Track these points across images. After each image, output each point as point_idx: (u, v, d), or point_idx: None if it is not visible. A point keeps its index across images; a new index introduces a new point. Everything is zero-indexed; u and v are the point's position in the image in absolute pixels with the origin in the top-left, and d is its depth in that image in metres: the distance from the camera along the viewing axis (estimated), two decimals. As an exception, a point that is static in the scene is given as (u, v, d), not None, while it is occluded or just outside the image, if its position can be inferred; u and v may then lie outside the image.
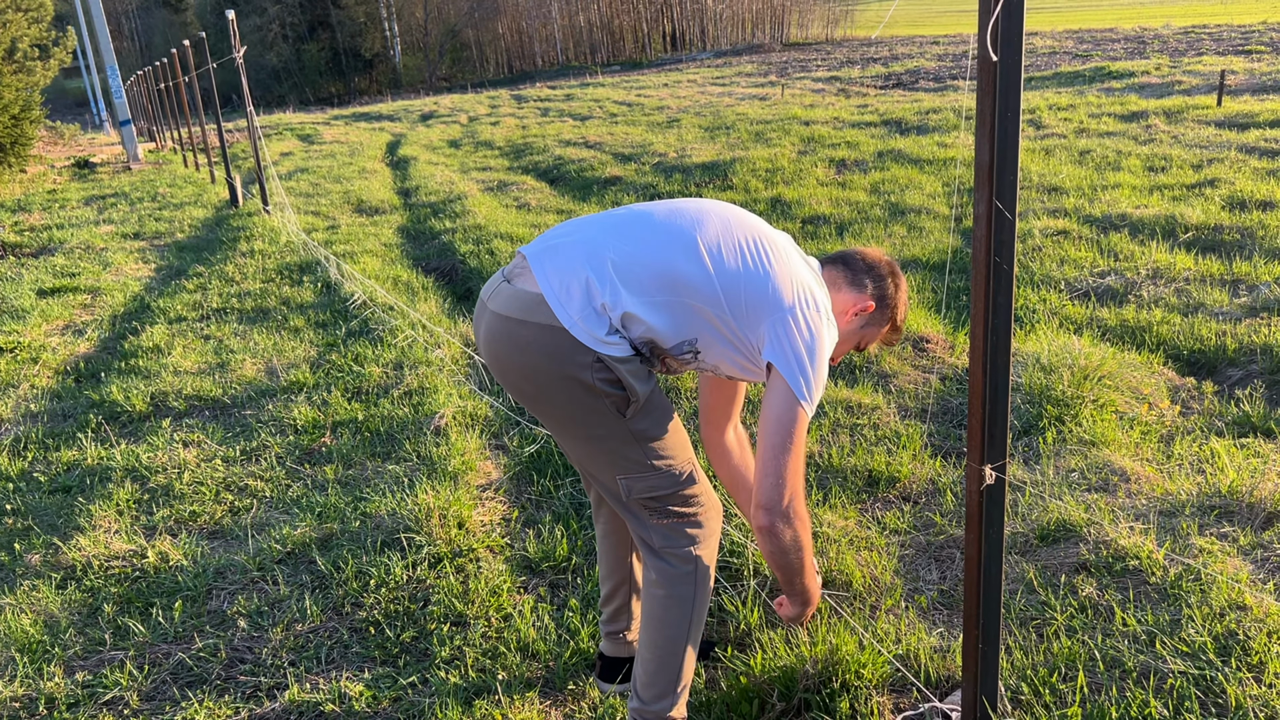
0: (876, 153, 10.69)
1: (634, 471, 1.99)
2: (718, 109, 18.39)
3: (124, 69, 47.77)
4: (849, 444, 3.54)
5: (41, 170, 17.09)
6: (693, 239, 1.94)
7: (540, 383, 1.93)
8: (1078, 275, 5.63)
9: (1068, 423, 3.58)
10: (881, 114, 14.36)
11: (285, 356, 5.21)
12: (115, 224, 10.36)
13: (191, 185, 13.46)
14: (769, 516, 1.93)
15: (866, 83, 22.20)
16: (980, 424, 1.78)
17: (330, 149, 18.26)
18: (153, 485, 3.70)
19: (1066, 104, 13.37)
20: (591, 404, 1.92)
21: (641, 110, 20.28)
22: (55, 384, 5.15)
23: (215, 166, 14.06)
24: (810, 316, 1.94)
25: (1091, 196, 7.58)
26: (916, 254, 6.57)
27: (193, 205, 11.42)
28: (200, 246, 8.79)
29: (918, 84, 20.35)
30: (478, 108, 27.19)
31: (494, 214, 9.35)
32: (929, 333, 4.63)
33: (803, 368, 1.90)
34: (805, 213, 8.19)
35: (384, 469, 3.72)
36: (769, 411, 1.91)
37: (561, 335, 1.87)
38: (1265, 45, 20.25)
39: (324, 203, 10.92)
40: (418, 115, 26.82)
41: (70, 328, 6.28)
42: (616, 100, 23.82)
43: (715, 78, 30.23)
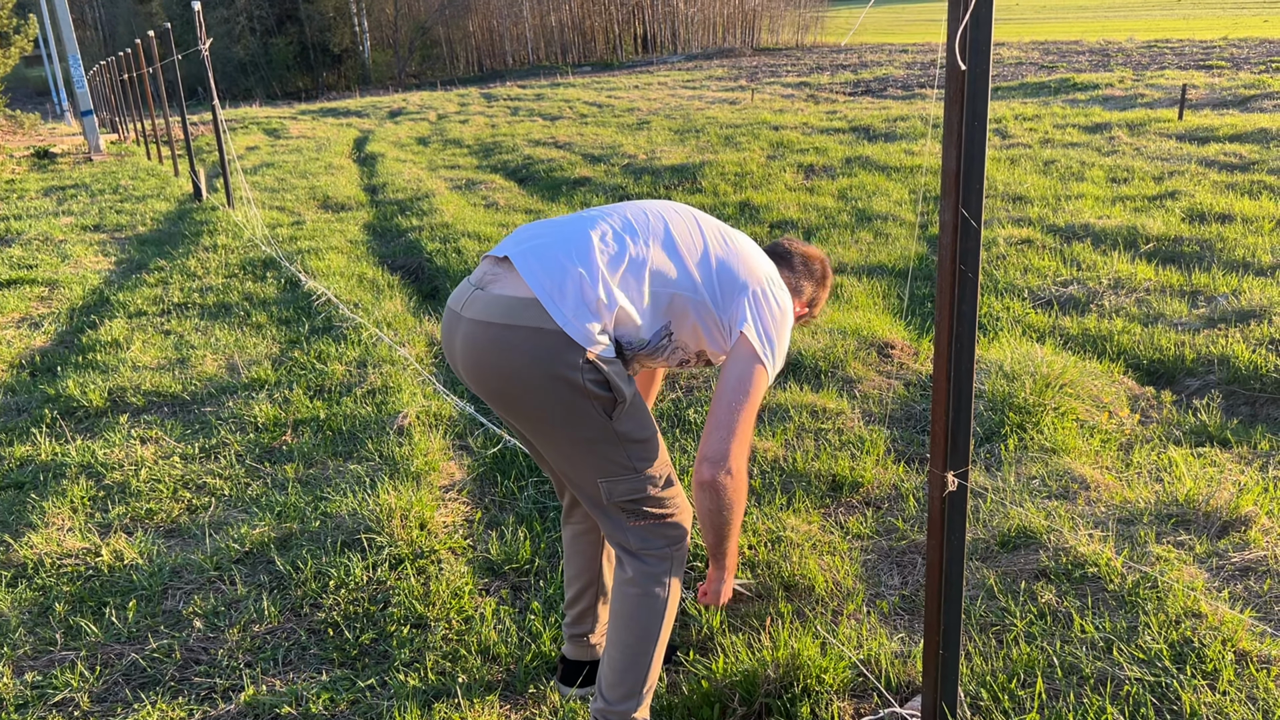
0: (844, 159, 10.75)
1: (616, 474, 2.00)
2: (688, 112, 18.42)
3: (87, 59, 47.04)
4: (813, 448, 3.55)
5: (0, 160, 16.77)
6: (668, 232, 2.03)
7: (527, 387, 1.92)
8: (1041, 284, 5.70)
9: (1029, 430, 3.61)
10: (850, 121, 14.46)
11: (247, 353, 5.15)
12: (75, 216, 10.19)
13: (154, 178, 13.26)
14: (713, 469, 1.96)
15: (836, 89, 22.34)
16: (943, 431, 1.79)
17: (297, 144, 18.07)
18: (108, 482, 3.63)
19: (1032, 114, 13.53)
20: (579, 406, 1.93)
21: (612, 111, 20.27)
22: (9, 378, 5.05)
23: (179, 160, 13.87)
24: (778, 294, 2.08)
25: (1055, 206, 7.67)
26: (882, 260, 6.62)
27: (155, 198, 11.25)
28: (162, 240, 8.67)
29: (886, 91, 20.50)
30: (447, 105, 27.04)
31: (461, 212, 9.29)
32: (893, 339, 4.66)
33: (769, 335, 2.02)
34: (773, 217, 8.22)
35: (345, 468, 3.68)
36: (731, 370, 1.99)
37: (552, 336, 1.88)
38: (1225, 61, 20.62)
39: (289, 198, 10.80)
40: (386, 112, 26.63)
41: (26, 320, 6.16)
42: (587, 101, 23.78)
43: (686, 81, 30.28)
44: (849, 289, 5.93)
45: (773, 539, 2.94)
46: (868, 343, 4.57)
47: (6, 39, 17.16)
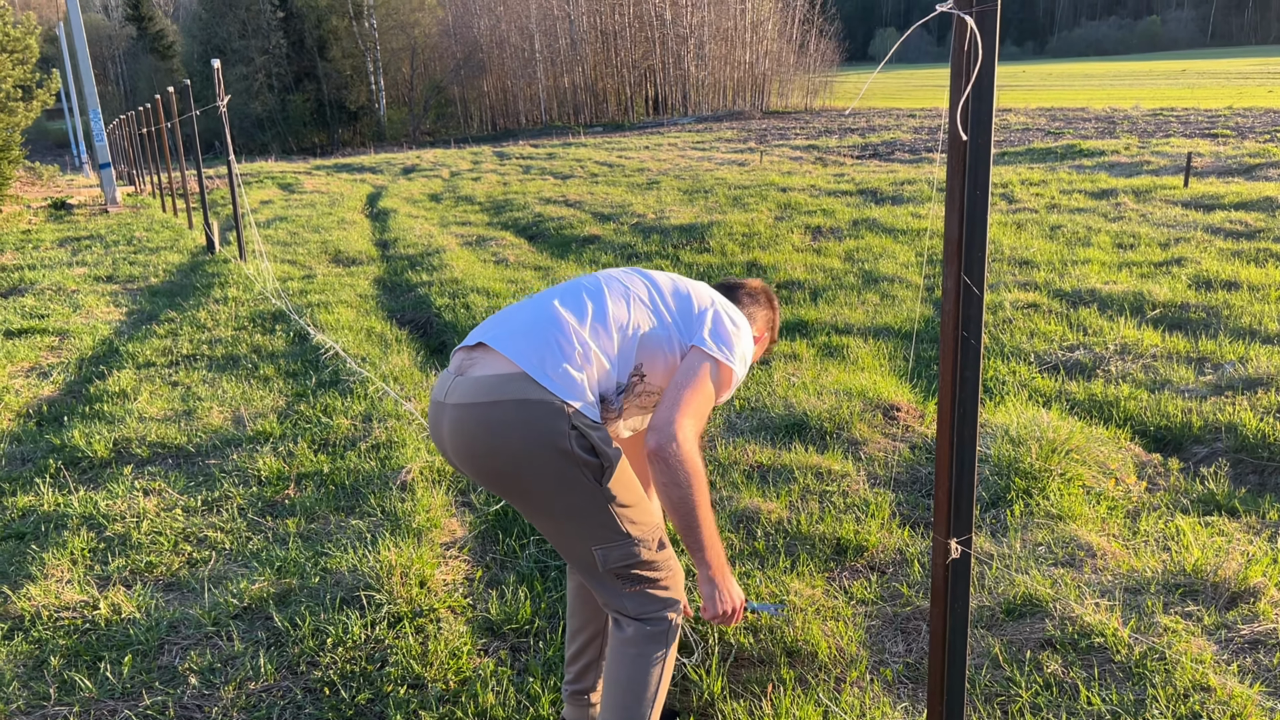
0: (851, 221, 10.83)
1: (610, 541, 2.01)
2: (697, 173, 18.63)
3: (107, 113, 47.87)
4: (818, 511, 3.53)
5: (17, 210, 16.99)
6: (626, 289, 2.17)
7: (517, 460, 1.95)
8: (1047, 348, 5.70)
9: (1035, 496, 3.59)
10: (857, 183, 14.59)
11: (253, 405, 5.16)
12: (89, 266, 10.29)
13: (169, 230, 13.41)
14: (657, 437, 1.96)
15: (844, 152, 22.60)
16: (946, 498, 1.78)
17: (310, 198, 18.29)
18: (110, 534, 3.62)
19: (1039, 179, 13.65)
20: (569, 474, 1.95)
21: (622, 171, 20.50)
22: (16, 427, 5.06)
23: (194, 212, 14.04)
24: (731, 312, 2.21)
25: (1062, 271, 7.71)
26: (888, 322, 6.63)
27: (169, 250, 11.37)
28: (174, 292, 8.74)
29: (893, 155, 20.73)
30: (460, 163, 27.39)
31: (472, 268, 9.37)
32: (899, 401, 4.65)
33: (723, 339, 2.11)
34: (781, 278, 8.27)
35: (347, 523, 3.67)
36: (682, 365, 2.09)
37: (537, 406, 1.92)
38: (1230, 129, 20.82)
39: (301, 252, 10.91)
40: (400, 168, 26.98)
41: (36, 370, 6.19)
42: (598, 160, 24.08)
43: (696, 142, 30.67)
44: (855, 350, 5.94)
45: (775, 603, 2.91)
46: (873, 405, 4.57)
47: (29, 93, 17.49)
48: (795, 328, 6.66)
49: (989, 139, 1.61)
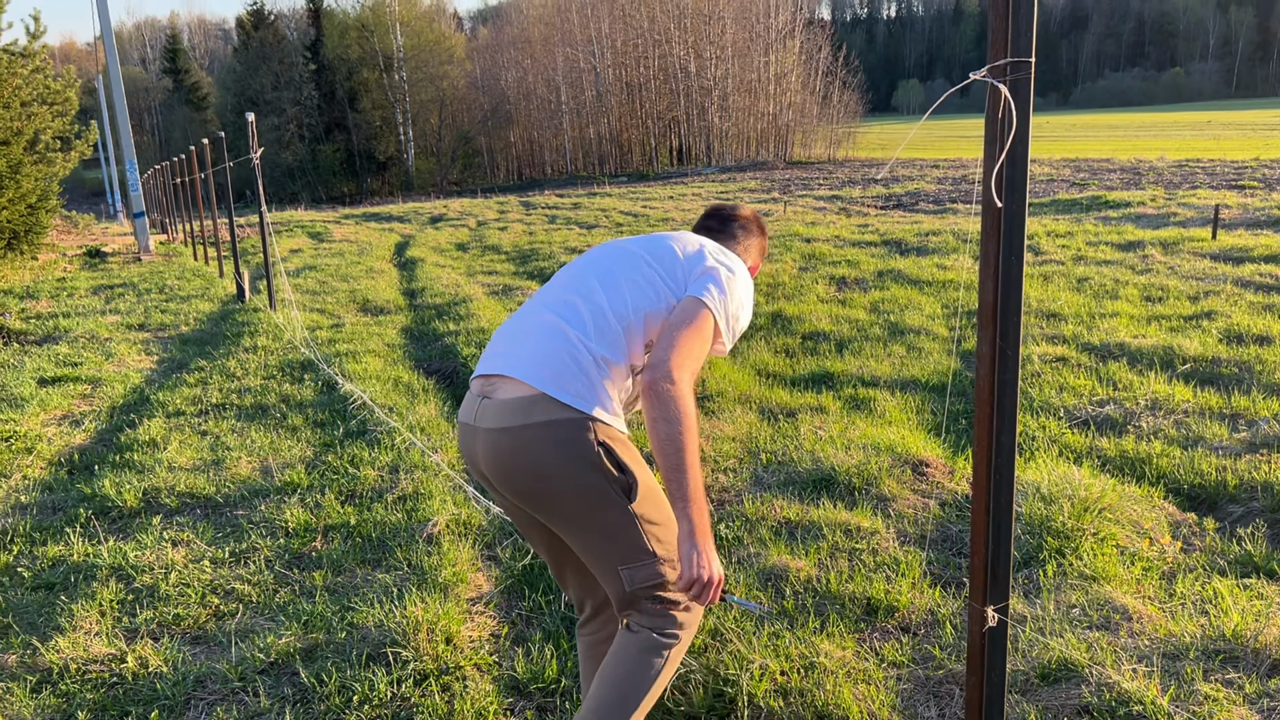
0: (876, 272, 10.84)
1: (636, 560, 2.07)
2: (722, 223, 18.72)
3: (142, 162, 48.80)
4: (847, 569, 3.49)
5: (53, 258, 17.30)
6: (618, 271, 2.22)
7: (553, 478, 2.02)
8: (1076, 403, 5.65)
9: (1068, 556, 3.53)
10: (882, 234, 14.62)
11: (281, 455, 5.19)
12: (121, 314, 10.44)
13: (200, 278, 13.61)
14: (652, 373, 2.00)
15: (867, 203, 22.68)
16: (983, 564, 1.76)
17: (339, 247, 18.52)
18: (138, 585, 3.64)
19: (1064, 231, 13.63)
20: (601, 489, 2.02)
21: (647, 221, 20.65)
22: (48, 475, 5.11)
23: (225, 261, 14.24)
24: (727, 260, 2.27)
25: (1090, 324, 7.66)
26: (915, 374, 6.60)
27: (199, 299, 11.53)
28: (204, 340, 8.84)
29: (918, 206, 20.78)
30: (486, 212, 27.69)
31: (498, 318, 9.42)
32: (928, 457, 4.62)
33: (720, 286, 2.16)
34: (805, 329, 8.27)
35: (374, 577, 3.66)
36: (678, 307, 2.14)
37: (565, 425, 2.00)
38: (1258, 181, 20.75)
39: (330, 300, 11.03)
40: (427, 217, 27.30)
41: (68, 418, 6.26)
42: (623, 210, 24.27)
43: (719, 192, 30.88)
44: (882, 403, 5.91)
45: (805, 665, 2.87)
46: (902, 460, 4.53)
47: (68, 143, 17.89)
48: (821, 379, 6.64)
49: (1024, 205, 1.62)
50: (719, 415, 5.48)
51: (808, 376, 6.78)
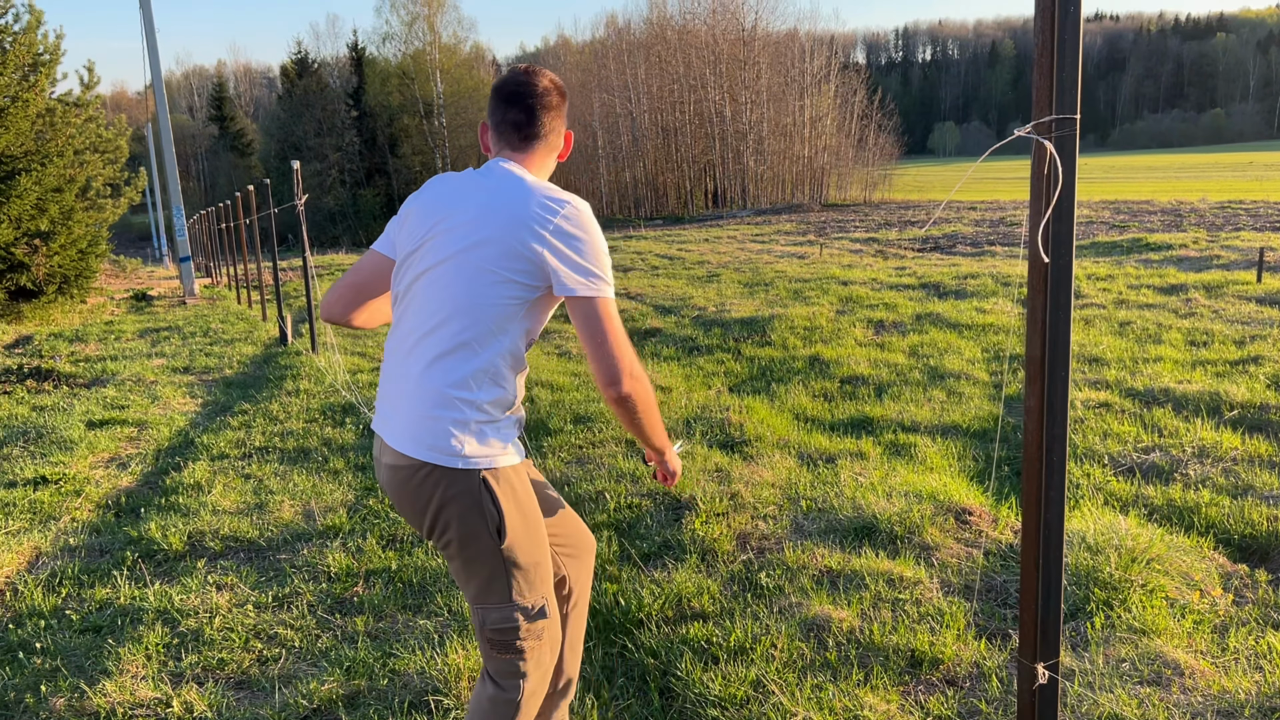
0: (915, 315, 10.80)
1: (493, 602, 2.14)
2: (757, 265, 18.78)
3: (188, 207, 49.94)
4: (890, 620, 3.45)
5: (101, 301, 17.69)
6: (468, 276, 2.09)
7: (433, 516, 2.10)
8: (1121, 450, 5.57)
9: (1116, 608, 3.47)
10: (919, 277, 14.58)
11: (324, 499, 5.24)
12: (166, 357, 10.63)
13: (243, 322, 13.83)
14: (615, 389, 2.05)
15: (904, 245, 22.64)
16: (1033, 621, 1.74)
17: (379, 291, 18.75)
18: (183, 629, 3.67)
19: (1105, 274, 13.52)
20: (474, 527, 2.08)
21: (682, 264, 20.75)
22: (95, 518, 5.19)
23: (268, 304, 14.48)
24: (560, 216, 2.08)
25: (1133, 369, 7.57)
26: (956, 420, 6.55)
27: (243, 342, 11.71)
28: (247, 383, 8.97)
29: (955, 248, 20.71)
30: (523, 255, 27.90)
31: (535, 361, 9.49)
32: (971, 505, 4.57)
33: (583, 267, 2.06)
34: (844, 372, 8.24)
35: (415, 623, 3.67)
36: (579, 323, 2.07)
37: (447, 474, 2.07)
38: (1302, 223, 20.48)
39: (371, 344, 11.16)
40: (465, 261, 27.58)
41: (115, 460, 6.37)
42: (658, 253, 24.41)
43: (755, 235, 30.98)
44: (923, 449, 5.87)
45: (849, 718, 2.84)
46: (944, 508, 4.49)
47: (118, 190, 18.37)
48: (860, 425, 6.61)
49: (1070, 260, 1.62)
50: (757, 461, 5.47)
51: (847, 421, 6.74)
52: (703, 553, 4.11)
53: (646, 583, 3.81)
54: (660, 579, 3.84)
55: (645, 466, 4.98)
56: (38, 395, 8.55)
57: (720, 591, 3.72)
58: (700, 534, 4.27)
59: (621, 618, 3.59)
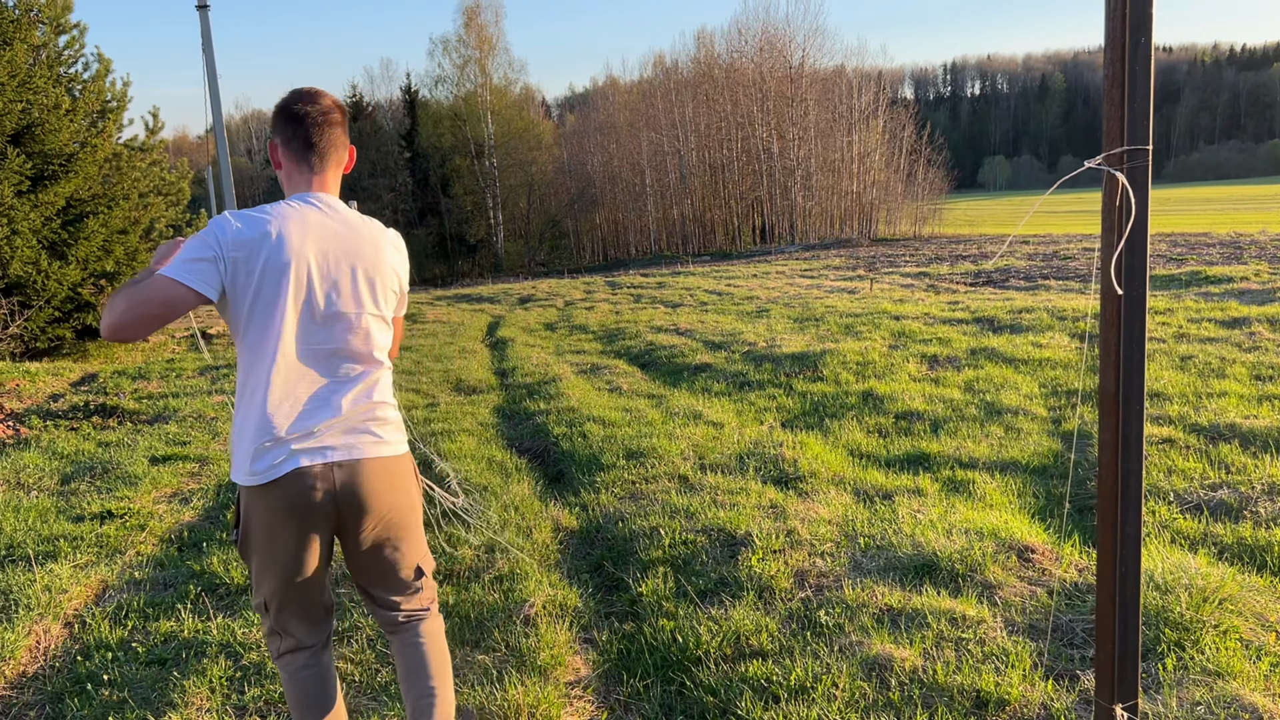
0: (969, 350, 10.68)
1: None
2: (807, 300, 18.72)
3: (246, 247, 50.95)
4: (954, 660, 3.39)
5: (162, 340, 18.11)
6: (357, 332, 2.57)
7: (407, 499, 2.74)
8: (1187, 487, 5.44)
9: (1188, 649, 3.38)
10: (973, 311, 14.42)
11: (380, 534, 5.28)
12: (226, 394, 10.83)
13: (300, 359, 14.05)
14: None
15: (956, 279, 22.43)
16: (1110, 660, 1.70)
17: (433, 328, 19.00)
18: (245, 663, 3.72)
19: (1164, 308, 13.27)
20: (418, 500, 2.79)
21: (731, 299, 20.74)
22: (159, 552, 5.28)
23: (323, 342, 14.70)
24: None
25: (1196, 404, 7.40)
26: (1015, 456, 6.45)
27: (300, 378, 11.89)
28: (304, 419, 9.09)
29: (1008, 282, 20.47)
30: (573, 292, 28.15)
31: (587, 396, 9.52)
32: (1033, 542, 4.48)
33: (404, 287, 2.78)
34: (898, 408, 8.15)
35: (473, 658, 3.68)
36: (396, 328, 2.75)
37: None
38: (1369, 254, 19.96)
39: (425, 380, 11.29)
40: (517, 298, 27.87)
41: (178, 495, 6.49)
42: (707, 289, 24.44)
43: (804, 270, 30.91)
44: (981, 486, 5.78)
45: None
46: (1006, 546, 4.41)
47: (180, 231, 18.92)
48: (917, 461, 6.53)
49: (1144, 292, 1.60)
50: (812, 497, 5.42)
51: (902, 457, 6.67)
52: (760, 590, 4.08)
53: (704, 620, 3.79)
54: (718, 616, 3.81)
55: None
56: (103, 431, 8.76)
57: (779, 629, 3.69)
58: (757, 571, 4.24)
59: (679, 655, 3.57)
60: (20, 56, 14.77)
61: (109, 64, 17.99)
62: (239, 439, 2.41)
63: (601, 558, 4.88)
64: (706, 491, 5.61)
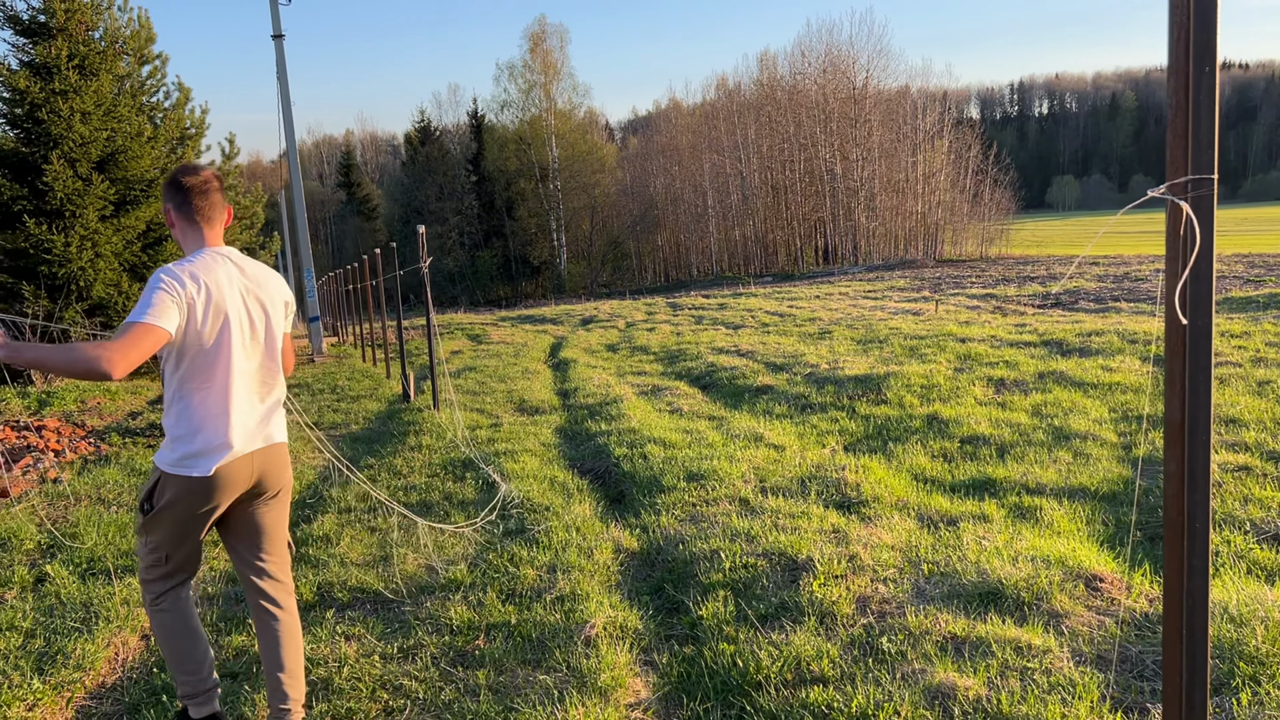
0: (1037, 373, 10.50)
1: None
2: (870, 322, 18.56)
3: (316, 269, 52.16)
4: (1019, 690, 3.34)
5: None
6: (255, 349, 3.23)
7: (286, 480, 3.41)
8: (1264, 516, 5.29)
9: (1264, 684, 3.28)
10: (1041, 334, 14.17)
11: (445, 553, 5.36)
12: (296, 414, 11.09)
13: (368, 379, 14.34)
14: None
15: (1023, 301, 22.07)
16: (1178, 694, 1.68)
17: (496, 349, 19.23)
18: (314, 678, 3.80)
19: (1240, 331, 12.90)
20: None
21: (793, 321, 20.66)
22: (229, 567, 5.42)
23: (391, 362, 14.99)
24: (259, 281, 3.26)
25: (1274, 431, 7.19)
26: (1084, 482, 6.32)
27: (368, 398, 12.14)
28: (372, 439, 9.29)
29: (1077, 304, 20.09)
30: (635, 313, 28.28)
31: (648, 418, 9.55)
32: (1102, 571, 4.39)
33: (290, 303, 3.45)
34: (964, 432, 8.05)
35: (535, 678, 3.72)
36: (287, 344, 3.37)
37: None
38: None
39: (489, 401, 11.43)
40: (579, 319, 28.08)
41: (249, 512, 6.64)
42: (769, 310, 24.37)
43: (867, 291, 30.66)
44: (1049, 512, 5.68)
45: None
46: (1074, 574, 4.33)
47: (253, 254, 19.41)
48: (983, 486, 6.44)
49: (1209, 322, 1.59)
50: (875, 522, 5.38)
51: (968, 482, 6.58)
52: (821, 615, 4.06)
53: (764, 644, 3.78)
54: (778, 641, 3.81)
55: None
56: (179, 448, 9.02)
57: (840, 655, 3.67)
58: (819, 596, 4.22)
59: (739, 679, 3.57)
60: (106, 86, 15.37)
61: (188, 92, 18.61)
62: (186, 440, 3.03)
63: (662, 580, 4.90)
64: (767, 515, 5.60)
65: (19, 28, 15.36)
